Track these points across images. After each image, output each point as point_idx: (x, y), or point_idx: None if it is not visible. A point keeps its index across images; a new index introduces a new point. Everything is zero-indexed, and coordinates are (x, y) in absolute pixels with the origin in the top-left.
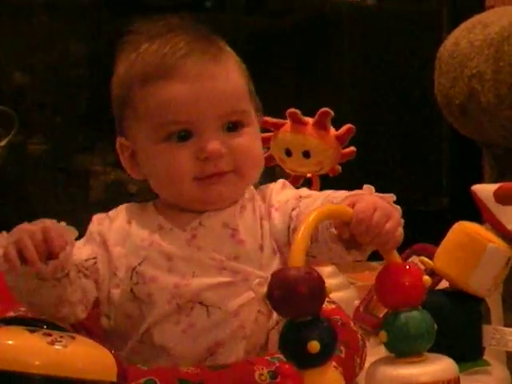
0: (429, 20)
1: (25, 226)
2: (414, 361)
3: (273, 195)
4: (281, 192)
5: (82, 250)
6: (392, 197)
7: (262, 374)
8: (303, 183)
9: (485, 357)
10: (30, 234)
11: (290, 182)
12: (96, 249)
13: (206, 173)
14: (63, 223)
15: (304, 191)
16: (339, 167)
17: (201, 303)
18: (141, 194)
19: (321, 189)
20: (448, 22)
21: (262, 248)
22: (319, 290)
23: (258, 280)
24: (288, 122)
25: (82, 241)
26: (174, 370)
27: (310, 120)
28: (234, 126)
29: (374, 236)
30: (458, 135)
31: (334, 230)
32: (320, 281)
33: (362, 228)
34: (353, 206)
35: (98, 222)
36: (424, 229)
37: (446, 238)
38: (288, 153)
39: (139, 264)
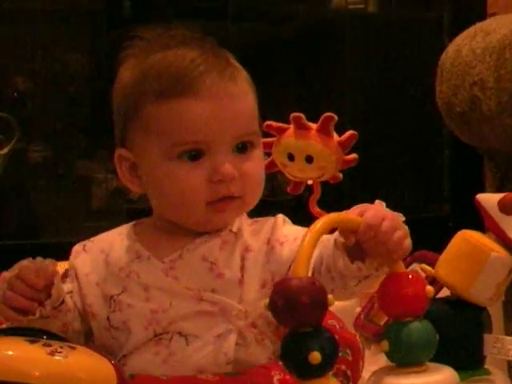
0: (430, 28)
1: (2, 277)
2: (416, 371)
3: (277, 230)
4: (283, 227)
5: (65, 285)
6: (401, 217)
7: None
8: (304, 190)
9: (486, 366)
10: (10, 286)
11: (290, 189)
12: (71, 283)
13: (218, 195)
14: (39, 258)
15: None
16: (340, 174)
17: (179, 333)
18: (142, 202)
19: (322, 197)
20: (449, 29)
21: (241, 282)
22: (321, 301)
23: (235, 313)
24: (291, 126)
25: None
26: (192, 378)
27: (313, 125)
28: (243, 147)
29: (382, 243)
30: (460, 142)
31: (341, 239)
32: (322, 291)
33: (370, 234)
34: (361, 215)
35: (75, 254)
36: (425, 236)
37: (448, 246)
38: (290, 158)
39: (118, 294)
